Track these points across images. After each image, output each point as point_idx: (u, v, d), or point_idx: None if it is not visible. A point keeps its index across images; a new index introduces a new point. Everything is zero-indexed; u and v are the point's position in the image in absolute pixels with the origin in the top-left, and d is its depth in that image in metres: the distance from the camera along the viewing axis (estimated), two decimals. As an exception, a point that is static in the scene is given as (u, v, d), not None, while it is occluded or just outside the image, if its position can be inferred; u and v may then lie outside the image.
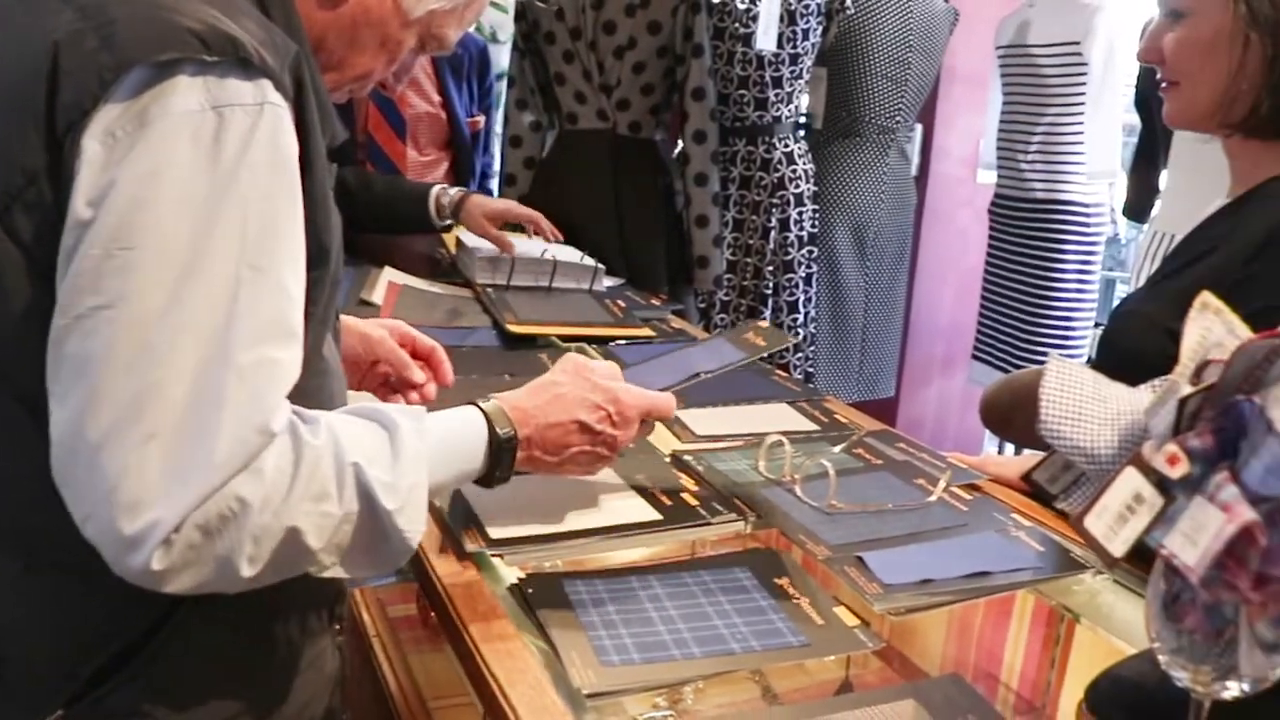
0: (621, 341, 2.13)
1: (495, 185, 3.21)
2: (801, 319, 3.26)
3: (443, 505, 1.25)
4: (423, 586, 1.19)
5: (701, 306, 3.24)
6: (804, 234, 3.24)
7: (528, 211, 2.58)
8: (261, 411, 0.80)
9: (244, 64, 0.83)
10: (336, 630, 1.09)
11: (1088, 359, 2.89)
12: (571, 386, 1.17)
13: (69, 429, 0.78)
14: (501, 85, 3.30)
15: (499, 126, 3.31)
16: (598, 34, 2.80)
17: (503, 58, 3.33)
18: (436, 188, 2.53)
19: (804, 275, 3.25)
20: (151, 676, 0.92)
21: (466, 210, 2.48)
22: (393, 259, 2.48)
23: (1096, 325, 3.49)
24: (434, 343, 1.45)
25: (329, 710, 1.07)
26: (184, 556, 0.78)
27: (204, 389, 0.78)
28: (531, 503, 1.26)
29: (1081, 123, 3.35)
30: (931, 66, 3.56)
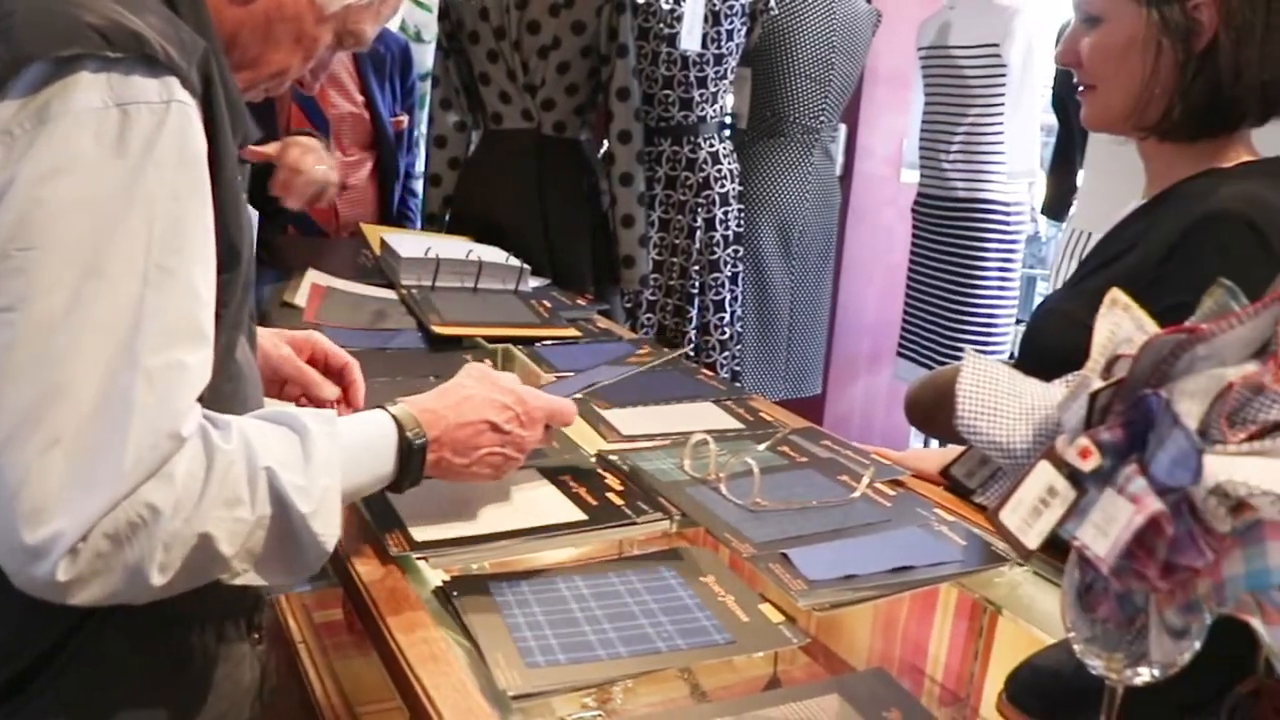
0: (548, 342, 2.13)
1: (419, 185, 3.19)
2: (728, 318, 3.27)
3: (371, 518, 1.23)
4: (347, 591, 1.18)
5: (628, 306, 3.24)
6: (729, 233, 3.25)
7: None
8: (171, 416, 0.78)
9: (149, 61, 0.81)
10: (255, 639, 1.07)
11: (1010, 355, 2.93)
12: (478, 389, 1.19)
13: None
14: (425, 85, 3.28)
15: (423, 126, 3.28)
16: (522, 33, 2.79)
17: (427, 57, 3.30)
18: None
19: (730, 274, 3.27)
20: (60, 691, 0.89)
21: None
22: (317, 261, 2.45)
23: (1018, 322, 3.55)
24: (348, 359, 1.42)
25: (248, 721, 1.05)
26: (91, 566, 0.76)
27: (110, 393, 0.76)
28: (456, 505, 1.25)
29: (1001, 123, 3.39)
30: (855, 67, 3.60)
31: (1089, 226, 2.75)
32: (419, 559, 1.17)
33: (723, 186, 3.21)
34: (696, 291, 3.25)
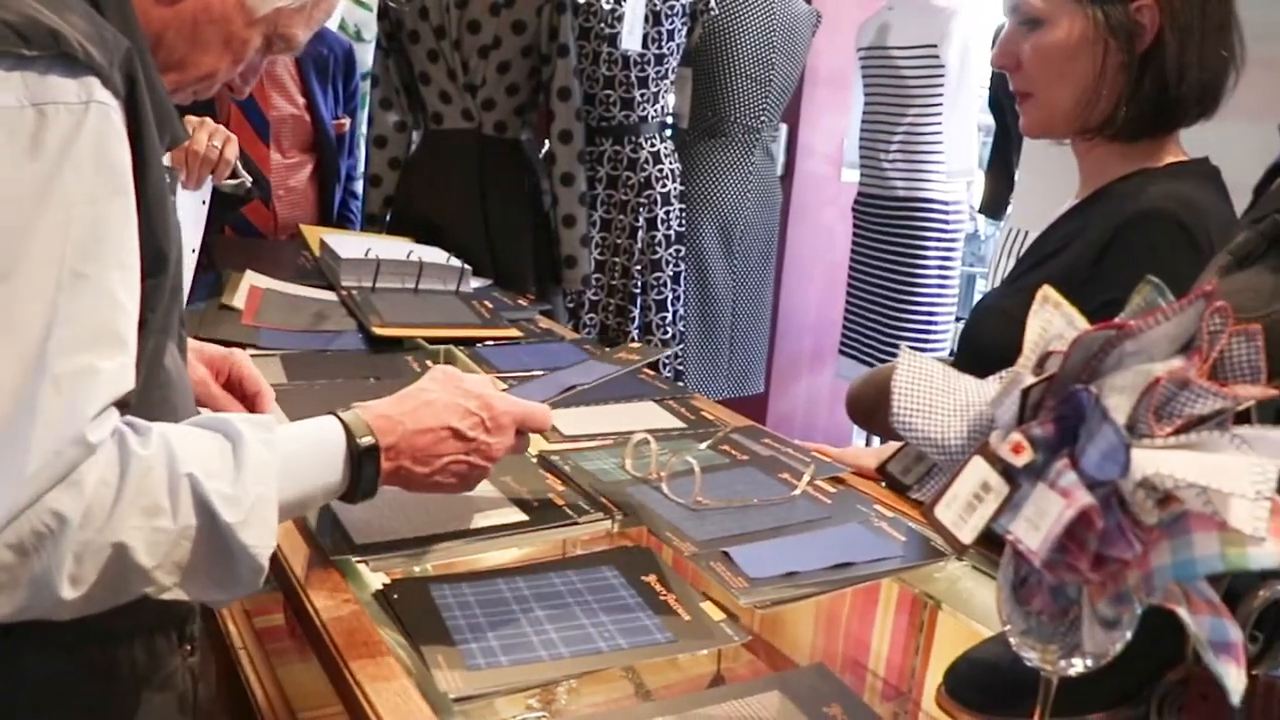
0: (489, 343, 2.12)
1: (360, 187, 3.16)
2: (670, 317, 3.28)
3: (311, 521, 1.22)
4: (286, 595, 1.17)
5: (570, 306, 3.24)
6: (671, 233, 3.26)
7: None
8: (78, 422, 0.75)
9: (67, 59, 0.78)
10: (188, 650, 1.03)
11: (950, 352, 2.97)
12: (441, 393, 1.14)
13: None
14: (366, 85, 3.25)
15: (364, 128, 3.26)
16: (462, 33, 2.78)
17: (367, 57, 3.28)
18: None
19: (672, 274, 3.28)
20: None
21: None
22: (255, 262, 2.42)
23: (958, 319, 3.59)
24: (263, 388, 1.34)
25: (183, 734, 1.03)
26: None
27: (15, 399, 0.74)
28: (396, 507, 1.24)
29: (940, 123, 3.43)
30: (795, 67, 3.62)
31: (1026, 225, 2.79)
32: (359, 562, 1.15)
33: (664, 186, 3.22)
34: (639, 291, 3.26)
